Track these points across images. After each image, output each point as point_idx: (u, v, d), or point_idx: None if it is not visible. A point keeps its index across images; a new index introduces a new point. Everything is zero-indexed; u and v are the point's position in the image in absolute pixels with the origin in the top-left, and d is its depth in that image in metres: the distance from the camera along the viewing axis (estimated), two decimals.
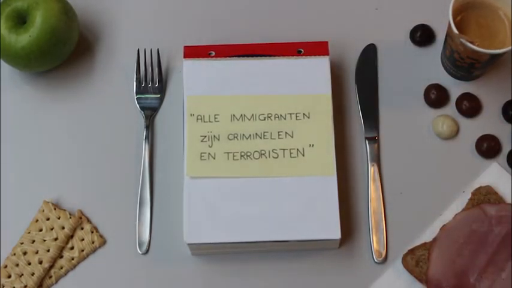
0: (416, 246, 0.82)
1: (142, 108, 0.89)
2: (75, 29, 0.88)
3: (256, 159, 0.82)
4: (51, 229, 0.83)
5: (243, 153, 0.82)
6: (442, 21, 0.86)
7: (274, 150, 0.82)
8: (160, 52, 0.90)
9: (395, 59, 0.90)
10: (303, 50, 0.86)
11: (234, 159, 0.82)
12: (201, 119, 0.83)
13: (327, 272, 0.83)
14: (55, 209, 0.84)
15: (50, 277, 0.83)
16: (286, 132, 0.83)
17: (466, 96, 0.88)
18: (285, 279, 0.82)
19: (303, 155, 0.82)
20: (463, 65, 0.85)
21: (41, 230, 0.83)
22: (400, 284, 0.82)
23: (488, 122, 0.88)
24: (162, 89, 0.90)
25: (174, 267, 0.83)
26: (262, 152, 0.82)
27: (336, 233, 0.79)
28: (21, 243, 0.83)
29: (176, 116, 0.87)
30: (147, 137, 0.87)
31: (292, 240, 0.80)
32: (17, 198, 0.86)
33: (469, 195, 0.84)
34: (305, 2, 0.93)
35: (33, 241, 0.83)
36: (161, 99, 0.89)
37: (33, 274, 0.82)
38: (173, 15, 0.93)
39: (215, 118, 0.83)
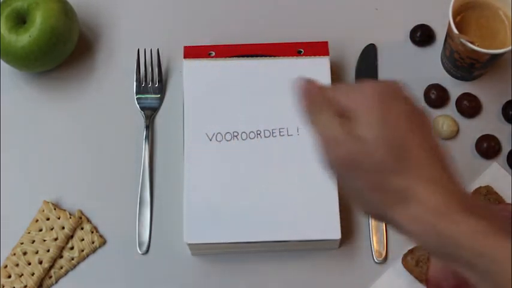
0: (416, 246, 0.81)
1: (142, 108, 0.89)
2: (75, 29, 0.88)
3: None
4: (51, 229, 0.83)
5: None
6: (442, 21, 0.86)
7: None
8: (160, 52, 0.90)
9: (395, 59, 0.90)
10: (303, 50, 0.85)
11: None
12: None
13: (327, 272, 0.83)
14: (55, 209, 0.84)
15: (50, 277, 0.83)
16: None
17: (466, 96, 0.88)
18: (285, 279, 0.82)
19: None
20: (463, 65, 0.85)
21: (41, 230, 0.83)
22: (400, 284, 0.82)
23: (488, 122, 0.88)
24: (162, 89, 0.89)
25: (174, 267, 0.83)
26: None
27: (336, 233, 0.79)
28: (21, 243, 0.83)
29: (176, 116, 0.87)
30: (147, 137, 0.87)
31: (292, 240, 0.80)
32: (17, 198, 0.86)
33: None
34: (305, 2, 0.93)
35: (33, 241, 0.83)
36: (161, 99, 0.89)
37: (33, 274, 0.82)
38: (173, 15, 0.93)
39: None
